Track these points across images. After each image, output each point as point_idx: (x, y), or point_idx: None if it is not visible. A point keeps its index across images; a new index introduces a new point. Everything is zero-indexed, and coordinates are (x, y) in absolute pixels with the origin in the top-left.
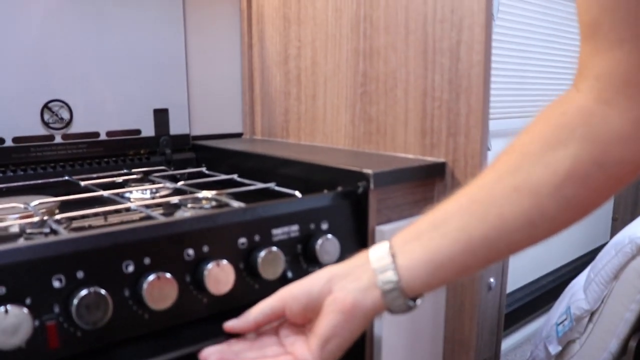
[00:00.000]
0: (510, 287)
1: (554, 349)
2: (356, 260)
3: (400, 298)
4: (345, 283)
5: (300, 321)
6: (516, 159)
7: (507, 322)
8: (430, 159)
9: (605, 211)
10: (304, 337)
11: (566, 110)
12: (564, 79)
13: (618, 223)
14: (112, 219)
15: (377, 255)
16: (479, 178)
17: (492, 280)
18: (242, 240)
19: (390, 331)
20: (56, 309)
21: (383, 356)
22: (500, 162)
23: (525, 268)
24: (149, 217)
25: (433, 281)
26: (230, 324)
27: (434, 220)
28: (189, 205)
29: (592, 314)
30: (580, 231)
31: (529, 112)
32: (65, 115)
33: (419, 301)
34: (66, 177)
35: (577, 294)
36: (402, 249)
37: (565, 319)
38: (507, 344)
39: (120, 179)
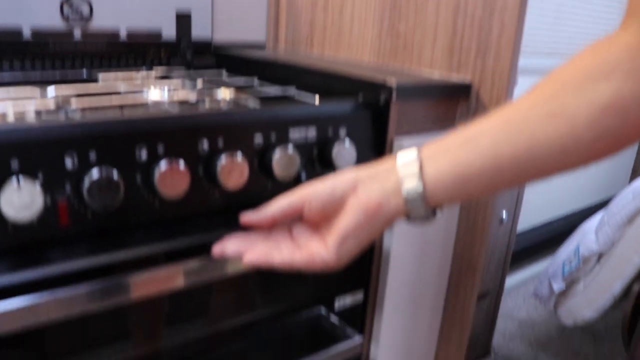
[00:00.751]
0: (521, 225)
1: (558, 286)
2: (383, 164)
3: (422, 207)
4: (371, 185)
5: (317, 219)
6: (555, 87)
7: (514, 259)
8: (457, 78)
9: (626, 160)
10: (319, 236)
11: (612, 47)
12: (603, 21)
13: (637, 174)
14: (128, 112)
15: (404, 161)
16: (515, 102)
17: (504, 213)
18: (258, 138)
19: (399, 244)
20: (68, 188)
21: (390, 268)
22: (538, 90)
23: (538, 209)
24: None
25: (457, 194)
26: (247, 217)
27: (466, 136)
28: (207, 104)
29: (601, 256)
30: (598, 178)
31: (562, 51)
32: (85, 10)
33: (438, 212)
34: (84, 72)
35: (588, 235)
36: (430, 158)
37: (573, 258)
38: (512, 280)
39: (139, 77)
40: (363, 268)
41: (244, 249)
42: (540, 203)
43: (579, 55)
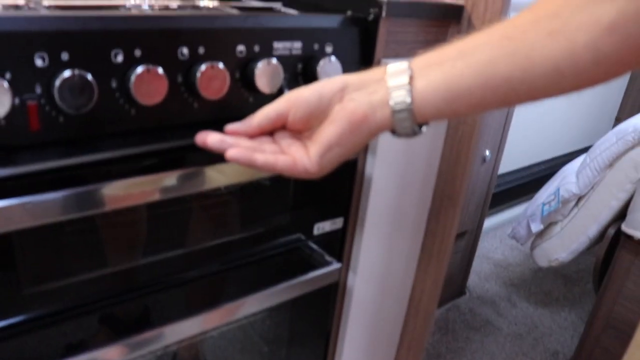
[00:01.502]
0: (503, 168)
1: (536, 227)
2: (372, 73)
3: (409, 120)
4: (358, 94)
5: (301, 127)
6: (557, 5)
7: (494, 201)
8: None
9: (609, 110)
10: (302, 143)
11: None
12: None
13: (620, 123)
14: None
15: (394, 73)
16: (515, 17)
17: (487, 153)
18: (241, 48)
19: (381, 172)
20: (38, 90)
21: (371, 196)
22: (540, 6)
23: (520, 152)
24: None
25: (446, 110)
26: (232, 127)
27: (460, 49)
28: (188, 11)
29: (580, 198)
30: (581, 126)
31: None
32: None
33: (424, 128)
34: None
35: (568, 177)
36: (421, 71)
37: (553, 200)
38: (490, 222)
39: None
40: (343, 195)
41: (228, 144)
42: (524, 147)
43: None
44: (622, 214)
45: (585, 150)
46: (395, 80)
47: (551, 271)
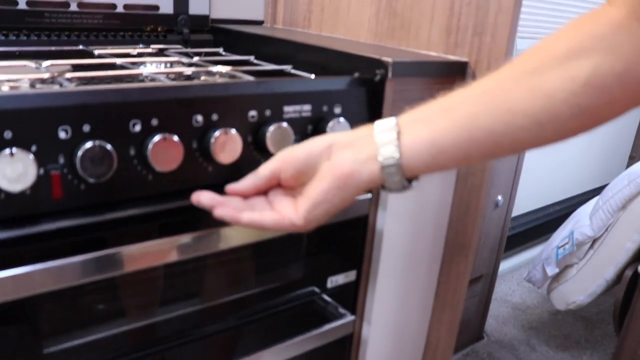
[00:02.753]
0: (516, 211)
1: (552, 270)
2: (360, 131)
3: (398, 175)
4: (345, 152)
5: (293, 183)
6: (537, 60)
7: (510, 244)
8: (453, 57)
9: (623, 148)
10: (293, 199)
11: (596, 22)
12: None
13: (635, 162)
14: (125, 84)
15: (381, 129)
16: (496, 73)
17: (499, 198)
18: (253, 112)
19: (392, 225)
20: (61, 160)
21: (383, 249)
22: (520, 61)
23: (533, 194)
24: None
25: (433, 164)
26: (230, 187)
27: (444, 105)
28: (202, 78)
29: (594, 241)
30: (595, 165)
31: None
32: None
33: (414, 182)
34: (80, 46)
35: (582, 220)
36: (407, 127)
37: (567, 243)
38: (506, 265)
39: (135, 52)
40: (356, 248)
41: (218, 202)
42: (537, 188)
43: (563, 29)
44: (638, 256)
45: (599, 190)
46: (383, 136)
47: (570, 313)
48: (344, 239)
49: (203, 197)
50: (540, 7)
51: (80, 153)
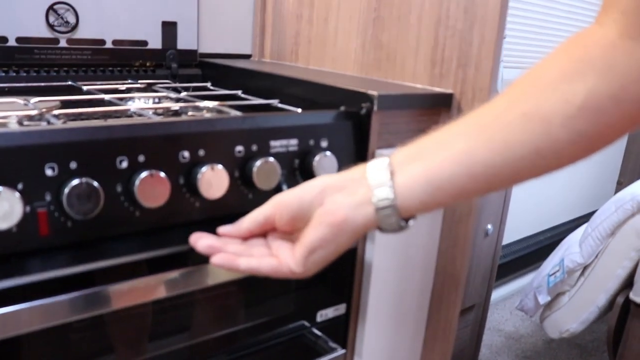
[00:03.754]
0: (507, 239)
1: (543, 299)
2: (353, 173)
3: (394, 216)
4: (338, 196)
5: (289, 229)
6: (529, 87)
7: (501, 272)
8: (438, 89)
9: (610, 174)
10: (291, 245)
11: (586, 43)
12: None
13: (622, 187)
14: (112, 121)
15: (375, 170)
16: (489, 103)
17: (489, 227)
18: (239, 148)
19: (381, 258)
20: (48, 197)
21: (372, 282)
22: (512, 90)
23: (523, 222)
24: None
25: (430, 202)
26: (224, 229)
27: (438, 140)
28: (190, 113)
29: (585, 268)
30: (583, 191)
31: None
32: (71, 19)
33: (411, 222)
34: (69, 82)
35: (572, 247)
36: (401, 166)
37: (558, 271)
38: (498, 293)
39: (123, 87)
40: (345, 282)
41: (215, 249)
42: (527, 216)
43: (553, 54)
44: (629, 282)
45: (588, 216)
46: (376, 178)
47: (565, 341)
48: (333, 272)
49: (200, 244)
50: (524, 37)
51: (67, 190)
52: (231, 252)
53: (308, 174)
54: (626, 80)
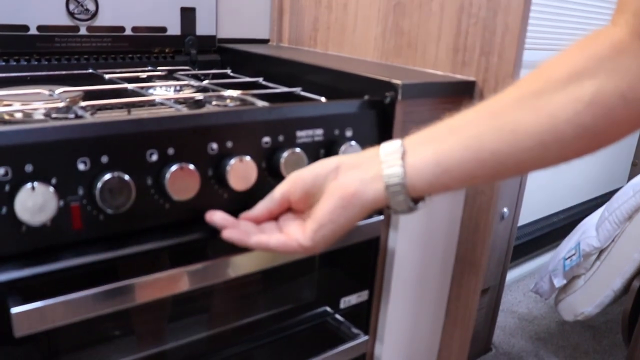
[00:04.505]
0: (522, 220)
1: (559, 282)
2: (367, 152)
3: (402, 195)
4: (351, 172)
5: (302, 206)
6: (541, 82)
7: (515, 254)
8: (460, 76)
9: (625, 155)
10: (301, 222)
11: (599, 42)
12: (603, 16)
13: (637, 168)
14: (136, 111)
15: (387, 150)
16: (500, 95)
17: (505, 210)
18: (266, 139)
19: (404, 244)
20: (80, 191)
21: (395, 268)
22: (524, 83)
23: (538, 203)
24: (173, 111)
25: (437, 184)
26: (244, 214)
27: (450, 126)
28: (214, 103)
29: (601, 252)
30: (598, 173)
31: (564, 46)
32: (91, 6)
33: (420, 204)
34: (90, 70)
35: (588, 231)
36: (413, 148)
37: (574, 254)
38: (512, 275)
39: (144, 75)
40: (368, 269)
41: (229, 223)
42: (542, 197)
43: (567, 50)
44: None
45: (603, 197)
46: (388, 157)
47: (578, 323)
48: (356, 260)
49: (216, 216)
50: (546, 19)
51: (99, 185)
52: (243, 229)
53: None
54: (634, 80)
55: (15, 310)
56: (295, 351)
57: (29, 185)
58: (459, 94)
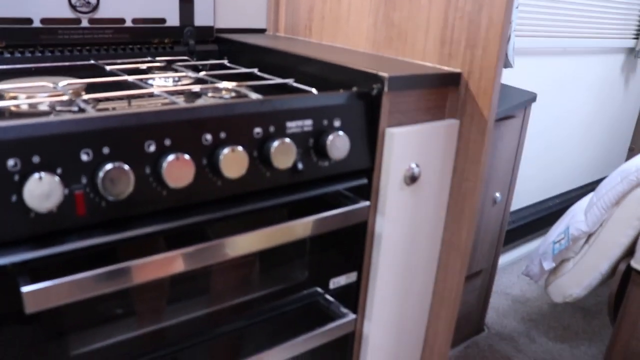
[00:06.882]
0: (516, 205)
1: (548, 265)
2: None
3: None
4: None
5: None
6: None
7: (511, 237)
8: (447, 68)
9: (622, 140)
10: None
11: None
12: (595, 3)
13: (634, 154)
14: (136, 103)
15: None
16: None
17: (497, 195)
18: (258, 130)
19: (390, 228)
20: (84, 180)
21: (382, 251)
22: None
23: (533, 188)
24: (171, 103)
25: None
26: None
27: None
28: (210, 95)
29: (589, 236)
30: (595, 158)
31: (558, 32)
32: (93, 0)
33: None
34: (92, 61)
35: (577, 216)
36: None
37: (563, 238)
38: (507, 257)
39: (144, 66)
40: (356, 252)
41: None
42: (537, 182)
43: None
44: (631, 250)
45: (600, 182)
46: None
47: (569, 304)
48: (345, 243)
49: None
50: (536, 6)
51: (101, 174)
52: None
53: (322, 152)
54: None
55: (25, 289)
56: (287, 328)
57: (36, 175)
58: (445, 85)
